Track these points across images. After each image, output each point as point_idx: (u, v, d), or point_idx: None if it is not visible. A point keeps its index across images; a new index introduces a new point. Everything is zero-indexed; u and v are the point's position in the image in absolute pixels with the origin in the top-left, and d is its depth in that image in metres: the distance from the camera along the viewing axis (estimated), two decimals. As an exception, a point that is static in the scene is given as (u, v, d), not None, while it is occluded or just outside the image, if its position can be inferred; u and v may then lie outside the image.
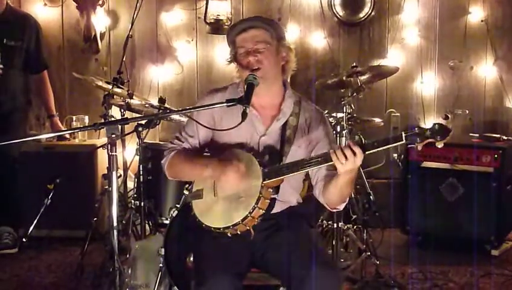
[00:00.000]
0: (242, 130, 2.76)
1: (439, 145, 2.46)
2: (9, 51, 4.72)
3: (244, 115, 2.54)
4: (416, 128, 2.47)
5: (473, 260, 4.42)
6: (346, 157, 2.51)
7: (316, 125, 2.95)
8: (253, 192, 2.66)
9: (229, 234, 2.70)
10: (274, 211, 2.77)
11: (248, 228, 2.69)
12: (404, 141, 2.47)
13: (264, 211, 2.67)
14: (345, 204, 2.87)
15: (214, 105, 2.72)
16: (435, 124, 2.47)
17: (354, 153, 2.50)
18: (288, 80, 3.02)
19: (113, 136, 2.43)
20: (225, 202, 2.74)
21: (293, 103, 2.95)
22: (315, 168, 2.71)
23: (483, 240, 4.63)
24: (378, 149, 2.53)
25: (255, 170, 2.71)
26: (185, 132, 2.99)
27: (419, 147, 2.48)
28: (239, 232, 2.70)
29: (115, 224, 2.50)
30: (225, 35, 3.00)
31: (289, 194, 2.93)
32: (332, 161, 2.55)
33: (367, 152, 2.53)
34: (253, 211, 2.64)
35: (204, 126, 2.80)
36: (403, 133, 2.47)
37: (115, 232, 2.50)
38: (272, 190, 2.71)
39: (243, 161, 2.73)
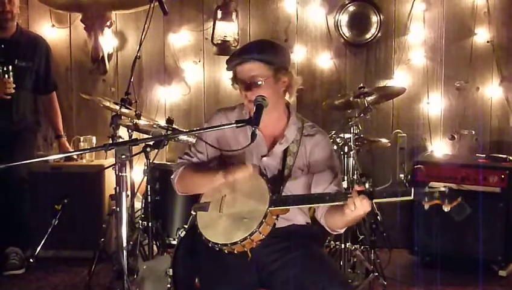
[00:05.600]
0: (246, 149, 2.78)
1: (446, 209, 2.45)
2: (21, 71, 4.79)
3: (253, 136, 2.59)
4: (426, 187, 2.47)
5: (480, 281, 4.40)
6: (355, 206, 2.51)
7: (317, 151, 2.94)
8: (257, 215, 2.68)
9: (226, 251, 2.71)
10: (278, 225, 2.75)
11: (245, 249, 2.70)
12: (411, 197, 2.46)
13: (264, 237, 2.68)
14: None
15: (222, 126, 2.82)
16: (446, 188, 2.45)
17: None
18: (295, 100, 3.03)
19: (123, 157, 2.45)
20: (228, 219, 2.76)
21: (296, 129, 2.95)
22: (322, 205, 2.74)
23: (491, 260, 4.61)
24: (386, 200, 2.53)
25: (264, 195, 2.72)
26: (194, 148, 3.04)
27: (426, 206, 2.46)
28: (236, 252, 2.70)
29: (124, 244, 2.50)
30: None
31: (295, 213, 2.93)
32: (339, 201, 2.58)
33: (375, 201, 2.53)
34: (253, 234, 2.65)
35: (212, 146, 2.87)
36: (412, 189, 2.46)
37: (124, 252, 2.50)
38: (275, 217, 2.72)
39: (254, 183, 2.77)
